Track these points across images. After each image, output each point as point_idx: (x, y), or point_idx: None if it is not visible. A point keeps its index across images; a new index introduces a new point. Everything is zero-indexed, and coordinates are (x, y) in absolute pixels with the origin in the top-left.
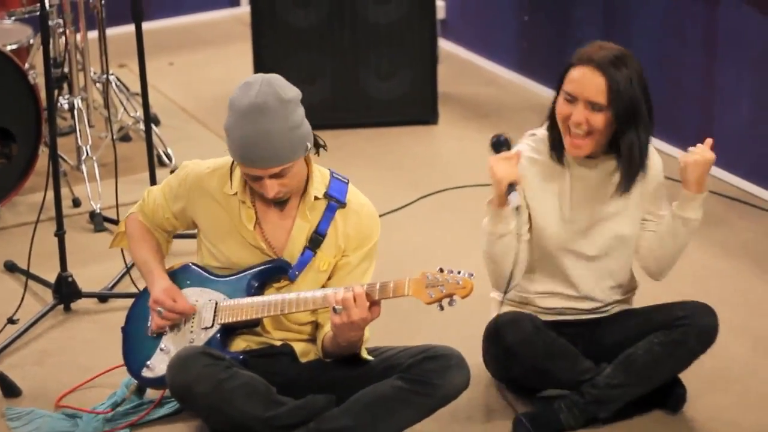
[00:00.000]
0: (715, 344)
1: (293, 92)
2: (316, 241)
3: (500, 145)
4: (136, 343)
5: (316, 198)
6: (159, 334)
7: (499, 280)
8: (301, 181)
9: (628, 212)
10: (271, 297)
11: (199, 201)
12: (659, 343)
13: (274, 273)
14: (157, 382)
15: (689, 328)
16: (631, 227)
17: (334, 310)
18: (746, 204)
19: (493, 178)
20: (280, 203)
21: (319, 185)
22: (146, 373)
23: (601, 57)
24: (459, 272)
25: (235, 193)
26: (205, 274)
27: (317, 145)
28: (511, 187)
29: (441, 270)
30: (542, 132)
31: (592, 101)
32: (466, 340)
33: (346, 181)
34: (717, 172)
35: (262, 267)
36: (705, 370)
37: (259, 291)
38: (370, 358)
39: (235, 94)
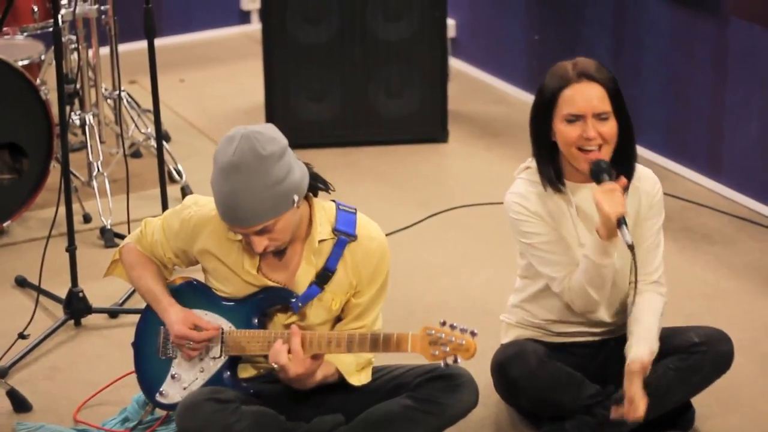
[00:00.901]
0: None
1: (274, 146)
2: (324, 277)
3: (600, 172)
4: (147, 365)
5: (321, 241)
6: (169, 358)
7: (591, 305)
8: (295, 231)
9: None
10: (274, 334)
11: (201, 244)
12: (675, 368)
13: (274, 302)
14: (171, 408)
15: (705, 355)
16: (627, 253)
17: (274, 366)
18: (755, 224)
19: (600, 213)
20: (277, 252)
21: (323, 227)
22: (160, 399)
23: (586, 69)
24: (462, 329)
25: (240, 240)
26: (210, 295)
27: (316, 188)
28: (621, 221)
29: (443, 323)
30: (521, 186)
31: (599, 112)
32: (475, 360)
33: (354, 211)
34: (726, 192)
35: (261, 297)
36: (714, 390)
37: (262, 322)
38: (360, 383)
39: (218, 148)
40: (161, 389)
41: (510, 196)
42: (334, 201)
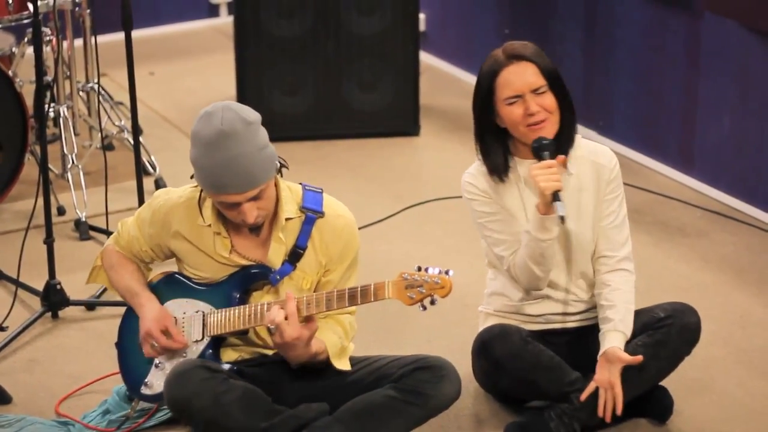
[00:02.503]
0: (698, 356)
1: (254, 114)
2: (295, 254)
3: (541, 149)
4: (131, 360)
5: (287, 219)
6: None
7: (534, 281)
8: (274, 203)
9: (583, 212)
10: (254, 306)
11: (172, 233)
12: (643, 345)
13: (254, 279)
14: (157, 399)
15: (671, 328)
16: (588, 228)
17: (269, 329)
18: (728, 218)
19: (536, 187)
20: (255, 229)
21: (290, 205)
22: (145, 390)
23: (514, 50)
24: (437, 270)
25: (209, 225)
26: (189, 283)
27: (280, 165)
28: (556, 195)
29: (419, 268)
30: (474, 167)
31: (535, 87)
32: (455, 351)
33: (320, 190)
34: (699, 185)
35: (241, 274)
36: (690, 382)
37: (244, 298)
38: (343, 368)
39: (197, 126)
40: (146, 380)
41: (463, 176)
42: (301, 183)
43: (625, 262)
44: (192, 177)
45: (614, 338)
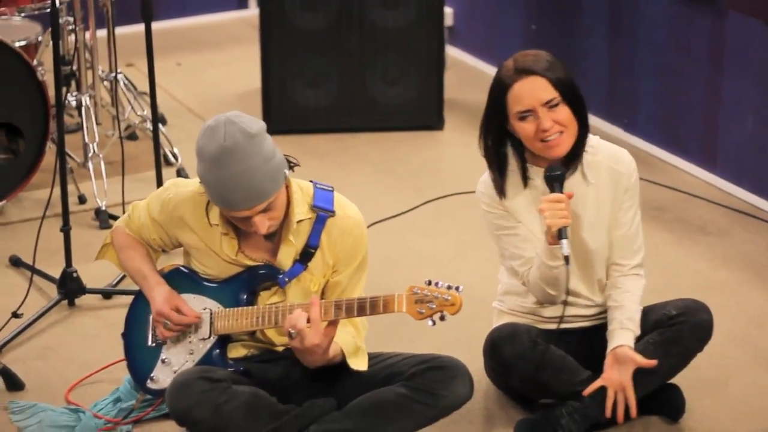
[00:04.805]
0: (714, 354)
1: (258, 125)
2: (307, 254)
3: (552, 180)
4: (137, 353)
5: (299, 221)
6: (159, 344)
7: (548, 298)
8: (285, 209)
9: (601, 222)
10: (264, 308)
11: (180, 225)
12: (654, 342)
13: (263, 280)
14: (162, 393)
15: (683, 325)
16: (605, 236)
17: (290, 334)
18: (749, 216)
19: (543, 222)
20: (268, 236)
21: (300, 207)
22: (151, 385)
23: (523, 64)
24: (447, 286)
25: (216, 224)
26: (198, 279)
27: (290, 163)
28: (562, 232)
29: (429, 283)
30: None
31: (547, 100)
32: (467, 346)
33: (331, 189)
34: (721, 183)
35: (249, 274)
36: (704, 380)
37: (250, 300)
38: (359, 369)
39: (201, 142)
40: (152, 375)
41: (478, 186)
42: (311, 181)
43: (637, 269)
44: None
45: (623, 336)
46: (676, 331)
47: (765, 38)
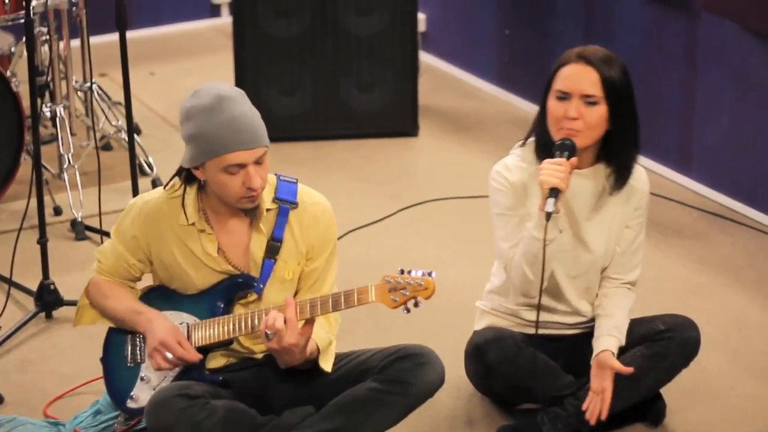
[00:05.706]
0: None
1: None
2: (273, 248)
3: (561, 149)
4: (117, 374)
5: (267, 210)
6: (137, 364)
7: (525, 285)
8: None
9: (606, 230)
10: (239, 315)
11: (157, 235)
12: (641, 356)
13: (239, 288)
14: (142, 412)
15: (671, 342)
16: (610, 251)
17: (266, 335)
18: (725, 219)
19: (539, 180)
20: (247, 211)
21: (266, 195)
22: (131, 404)
23: (591, 54)
24: (420, 272)
25: (192, 223)
26: (172, 294)
27: None
28: (553, 192)
29: (402, 271)
30: (530, 141)
31: (587, 94)
32: (449, 350)
33: (295, 180)
34: (696, 186)
35: (226, 284)
36: (685, 384)
37: (227, 309)
38: (326, 368)
39: (190, 102)
40: (132, 393)
41: (495, 166)
42: (276, 174)
43: (630, 285)
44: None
45: (607, 342)
46: (664, 346)
47: (739, 40)
